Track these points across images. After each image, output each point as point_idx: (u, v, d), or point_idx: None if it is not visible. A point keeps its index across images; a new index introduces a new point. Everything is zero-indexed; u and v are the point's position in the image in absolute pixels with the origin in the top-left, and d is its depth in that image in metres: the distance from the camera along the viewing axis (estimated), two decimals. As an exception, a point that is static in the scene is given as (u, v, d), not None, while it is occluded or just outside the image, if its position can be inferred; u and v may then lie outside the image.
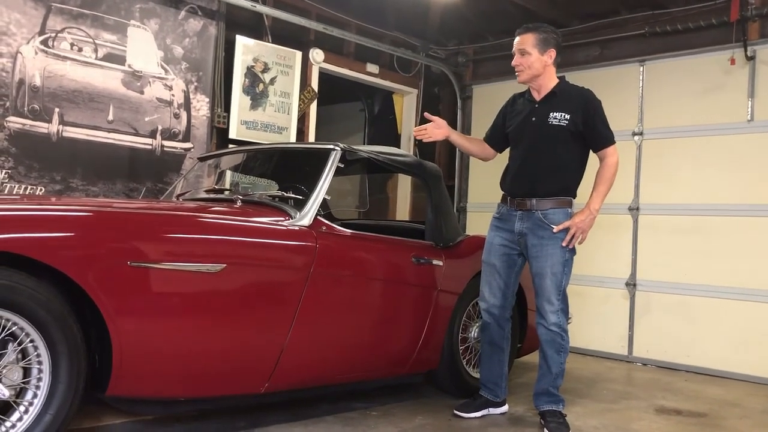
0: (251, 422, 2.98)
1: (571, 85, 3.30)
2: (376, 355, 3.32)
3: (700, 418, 3.59)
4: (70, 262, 2.22)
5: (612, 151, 3.20)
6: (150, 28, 4.49)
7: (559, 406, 3.21)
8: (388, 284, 3.30)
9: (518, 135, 3.32)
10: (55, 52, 4.05)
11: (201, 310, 2.57)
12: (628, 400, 3.91)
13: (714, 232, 4.90)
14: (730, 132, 4.88)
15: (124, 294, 2.34)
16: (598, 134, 3.20)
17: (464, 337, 3.70)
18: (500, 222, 3.34)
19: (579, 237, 3.16)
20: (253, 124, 5.02)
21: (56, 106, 4.06)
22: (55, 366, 2.20)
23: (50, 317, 2.18)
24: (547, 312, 3.18)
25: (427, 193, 3.63)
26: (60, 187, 4.09)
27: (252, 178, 4.22)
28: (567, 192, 3.23)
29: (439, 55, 6.54)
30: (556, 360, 3.20)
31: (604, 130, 3.20)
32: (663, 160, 5.19)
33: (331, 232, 3.08)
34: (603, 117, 3.21)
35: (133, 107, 4.40)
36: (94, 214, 2.47)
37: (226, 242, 2.69)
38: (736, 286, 4.76)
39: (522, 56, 3.22)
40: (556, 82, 3.26)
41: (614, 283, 5.35)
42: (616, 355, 5.30)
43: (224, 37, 4.87)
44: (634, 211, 5.29)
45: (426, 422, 3.19)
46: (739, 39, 4.79)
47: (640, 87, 5.35)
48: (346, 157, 3.26)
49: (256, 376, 2.77)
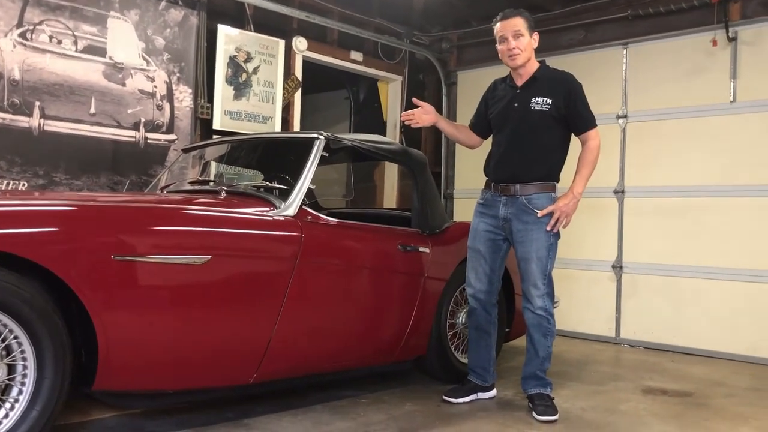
0: (240, 413, 2.99)
1: (551, 69, 3.30)
2: (364, 343, 3.33)
3: (686, 397, 3.63)
4: (53, 258, 2.21)
5: (594, 135, 3.21)
6: (130, 19, 4.44)
7: (547, 390, 3.24)
8: (375, 272, 3.31)
9: (501, 121, 3.32)
10: (33, 44, 4.00)
11: (187, 303, 2.56)
12: (615, 381, 3.95)
13: (698, 214, 4.94)
14: (714, 113, 4.91)
15: (108, 288, 2.33)
16: (579, 118, 3.21)
17: (452, 323, 3.72)
18: (485, 208, 3.35)
19: (563, 221, 3.18)
20: (237, 114, 4.99)
21: (37, 100, 4.01)
22: (40, 362, 2.19)
23: (34, 313, 2.16)
24: (533, 296, 3.20)
25: (412, 180, 3.63)
26: (43, 182, 4.06)
27: (236, 169, 4.20)
28: (550, 177, 3.25)
29: (424, 42, 6.52)
30: (543, 343, 3.22)
31: (586, 113, 3.22)
32: (647, 143, 5.21)
33: (316, 221, 3.07)
34: (584, 100, 3.22)
35: (116, 99, 4.36)
36: (77, 209, 2.45)
37: (211, 234, 2.68)
38: (720, 267, 4.81)
39: (516, 39, 3.20)
40: (537, 67, 3.27)
41: (601, 266, 5.39)
42: (604, 338, 5.35)
43: (206, 26, 4.83)
44: (620, 194, 5.31)
45: (415, 408, 3.21)
46: (720, 20, 4.80)
47: (623, 70, 5.36)
48: (331, 146, 3.25)
49: (244, 367, 2.78)
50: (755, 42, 4.76)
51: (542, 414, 3.10)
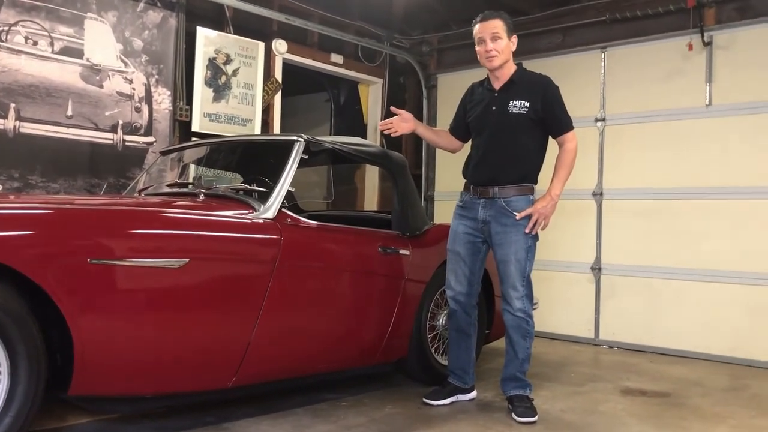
0: (220, 417, 2.97)
1: (529, 72, 3.32)
2: (344, 346, 3.32)
3: (663, 397, 3.67)
4: (28, 262, 2.17)
5: (571, 137, 3.24)
6: (108, 21, 4.40)
7: (526, 391, 3.26)
8: (355, 275, 3.30)
9: (479, 124, 3.34)
10: (8, 45, 3.95)
11: (165, 306, 2.54)
12: (594, 382, 3.98)
13: (676, 216, 4.99)
14: (690, 117, 4.97)
15: (85, 292, 2.30)
16: (557, 120, 3.23)
17: (432, 325, 3.73)
18: (464, 210, 3.36)
19: (542, 223, 3.20)
20: (217, 117, 4.97)
21: (12, 102, 3.96)
22: (13, 367, 2.15)
23: (8, 318, 2.13)
24: (513, 298, 3.21)
25: (392, 182, 3.63)
26: (19, 185, 4.00)
27: (215, 172, 4.17)
28: (528, 179, 3.26)
29: (404, 45, 6.54)
30: (522, 345, 3.24)
31: (563, 116, 3.24)
32: (625, 146, 5.27)
33: (296, 224, 3.06)
34: (561, 103, 3.25)
35: (93, 102, 4.31)
36: (53, 212, 2.42)
37: (189, 237, 2.66)
38: (698, 268, 4.87)
39: (495, 42, 3.21)
40: (515, 69, 3.29)
41: (580, 267, 5.43)
42: (583, 339, 5.39)
43: (185, 28, 4.80)
44: (598, 197, 5.36)
45: (395, 411, 3.21)
46: (696, 25, 4.87)
47: (601, 73, 5.41)
48: (310, 149, 3.25)
49: (223, 371, 2.76)
50: (730, 46, 4.83)
51: (522, 415, 3.12)
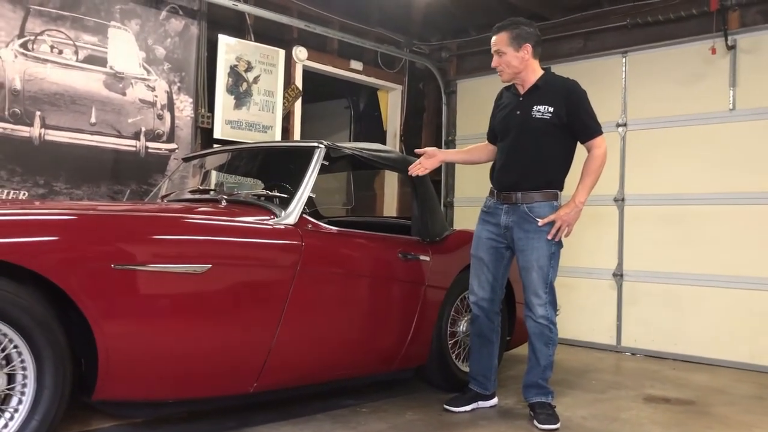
0: (241, 422, 2.98)
1: (555, 77, 3.28)
2: (364, 352, 3.32)
3: (687, 405, 3.62)
4: (53, 267, 2.20)
5: (599, 143, 3.19)
6: (131, 29, 4.46)
7: (548, 398, 3.23)
8: (376, 281, 3.30)
9: (504, 129, 3.32)
10: (34, 54, 4.02)
11: (187, 312, 2.55)
12: (616, 389, 3.94)
13: (699, 221, 4.94)
14: (713, 121, 4.92)
15: (108, 297, 2.33)
16: (583, 126, 3.19)
17: (453, 332, 3.71)
18: (487, 216, 3.35)
19: (564, 230, 3.17)
20: (238, 124, 5.01)
21: (37, 110, 4.02)
22: (39, 371, 2.19)
23: (34, 323, 2.16)
24: (535, 305, 3.19)
25: (412, 188, 3.63)
26: (44, 191, 4.06)
27: (237, 178, 4.21)
28: (552, 185, 3.23)
29: (423, 51, 6.55)
30: (545, 352, 3.21)
31: (589, 121, 3.20)
32: (647, 151, 5.22)
33: (316, 230, 3.07)
34: (587, 108, 3.20)
35: (116, 109, 4.37)
36: (77, 218, 2.45)
37: (211, 242, 2.68)
38: (721, 274, 4.80)
39: (499, 57, 3.22)
40: (540, 75, 3.25)
41: (601, 274, 5.38)
42: (605, 346, 5.34)
43: (206, 36, 4.85)
44: (620, 202, 5.32)
45: (416, 417, 3.20)
46: (719, 29, 4.82)
47: (623, 78, 5.37)
48: (331, 155, 3.26)
49: (244, 376, 2.77)
50: (754, 50, 4.77)
51: (544, 423, 3.09)
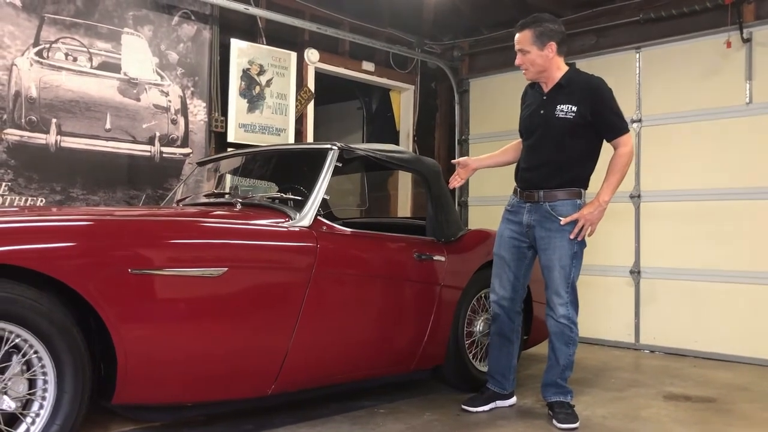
0: (259, 424, 2.98)
1: (579, 74, 3.22)
2: (381, 353, 3.32)
3: (709, 403, 3.58)
4: (70, 272, 2.22)
5: (625, 140, 3.14)
6: (144, 35, 4.49)
7: (567, 398, 3.21)
8: (391, 282, 3.30)
9: (528, 128, 3.29)
10: (50, 62, 4.06)
11: (204, 315, 2.57)
12: (636, 387, 3.90)
13: (716, 217, 4.88)
14: (729, 115, 4.87)
15: (126, 302, 2.34)
16: (607, 124, 3.14)
17: (469, 332, 3.70)
18: (511, 214, 3.33)
19: (587, 229, 3.14)
20: (251, 127, 5.02)
21: (53, 117, 4.06)
22: (60, 376, 2.21)
23: (53, 328, 2.18)
24: (556, 304, 3.16)
25: (426, 188, 3.62)
26: (60, 198, 4.10)
27: (251, 181, 4.22)
28: (575, 183, 3.19)
29: (435, 50, 6.53)
30: (565, 352, 3.19)
31: (615, 119, 3.15)
32: (662, 147, 5.17)
33: (331, 231, 3.07)
34: (612, 106, 3.15)
35: (130, 115, 4.40)
36: (94, 223, 2.48)
37: (226, 246, 2.69)
38: (739, 270, 4.75)
39: (523, 55, 3.18)
40: (564, 72, 3.19)
41: (618, 271, 5.34)
42: (623, 344, 5.29)
43: (219, 40, 4.87)
44: (636, 199, 5.27)
45: (434, 418, 3.19)
46: (734, 22, 4.77)
47: (637, 74, 5.33)
48: (344, 156, 3.26)
49: (262, 379, 2.78)
50: (770, 42, 4.72)
51: (563, 422, 3.07)
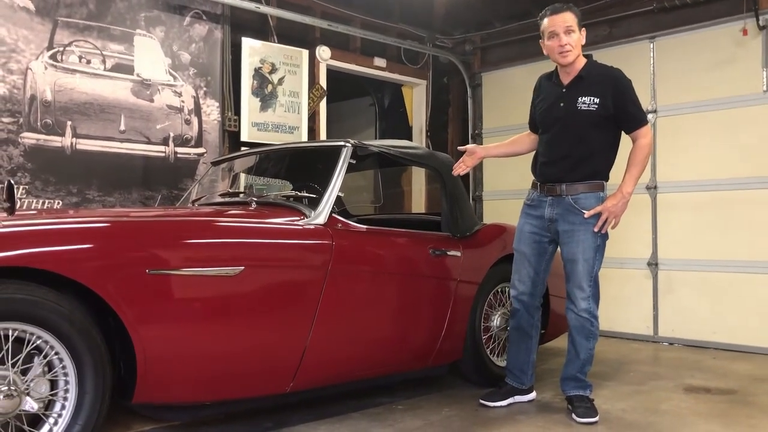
0: (277, 422, 3.00)
1: (598, 66, 3.20)
2: (398, 349, 3.31)
3: (729, 395, 3.55)
4: (89, 274, 2.24)
5: (645, 132, 3.11)
6: (156, 36, 4.51)
7: (586, 392, 3.19)
8: (407, 278, 3.29)
9: (546, 120, 3.25)
10: (64, 65, 4.08)
11: (222, 314, 2.58)
12: (655, 380, 3.88)
13: (735, 207, 4.83)
14: (746, 104, 4.81)
15: (144, 302, 2.36)
16: (628, 116, 3.11)
17: (487, 327, 3.69)
18: (531, 209, 3.30)
19: (611, 222, 3.10)
20: (264, 126, 5.03)
21: (68, 120, 4.09)
22: (80, 377, 2.23)
23: (73, 329, 2.20)
24: (578, 298, 3.14)
25: (440, 184, 3.61)
26: (77, 200, 4.13)
27: (266, 180, 4.22)
28: (598, 176, 3.16)
29: (447, 45, 6.51)
30: (585, 346, 3.17)
31: (635, 110, 3.12)
32: (678, 137, 5.12)
33: (346, 228, 3.07)
34: (633, 97, 3.13)
35: (144, 116, 4.42)
36: (111, 225, 2.49)
37: (243, 245, 2.70)
38: (758, 260, 4.70)
39: (568, 35, 3.10)
40: (584, 63, 3.17)
41: (636, 263, 5.30)
42: (642, 336, 5.26)
43: (230, 40, 4.88)
44: (652, 190, 5.23)
45: (452, 414, 3.19)
46: (750, 9, 4.71)
47: (651, 64, 5.28)
48: (358, 153, 3.25)
49: (280, 377, 2.78)
50: (787, 29, 4.66)
51: (582, 416, 3.06)
